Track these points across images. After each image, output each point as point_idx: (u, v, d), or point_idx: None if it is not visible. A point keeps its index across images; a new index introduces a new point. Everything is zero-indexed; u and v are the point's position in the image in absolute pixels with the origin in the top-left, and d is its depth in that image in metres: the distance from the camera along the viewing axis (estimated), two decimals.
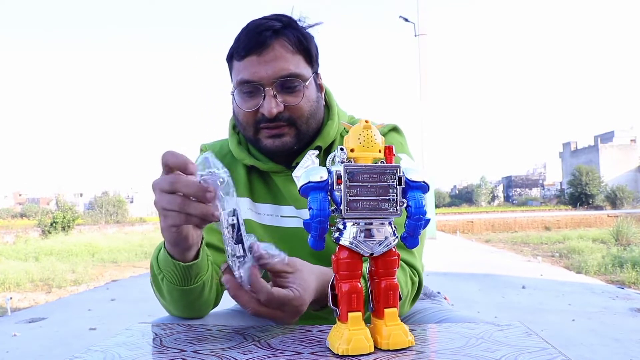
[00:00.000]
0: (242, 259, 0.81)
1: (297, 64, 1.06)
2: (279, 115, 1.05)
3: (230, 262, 0.81)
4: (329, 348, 0.75)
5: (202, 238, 0.92)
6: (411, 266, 1.07)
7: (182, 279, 0.93)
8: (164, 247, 0.91)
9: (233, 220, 0.80)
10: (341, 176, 0.70)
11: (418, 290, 1.10)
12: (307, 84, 1.07)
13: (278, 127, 1.06)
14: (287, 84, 1.05)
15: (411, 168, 0.73)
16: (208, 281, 0.99)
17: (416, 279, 1.07)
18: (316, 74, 1.13)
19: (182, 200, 0.78)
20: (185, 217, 0.79)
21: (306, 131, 1.09)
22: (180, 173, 0.79)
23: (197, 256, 0.91)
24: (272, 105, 1.03)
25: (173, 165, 0.78)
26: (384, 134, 1.17)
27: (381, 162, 0.73)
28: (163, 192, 0.79)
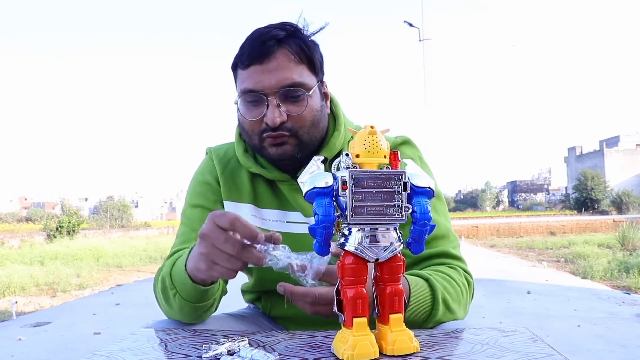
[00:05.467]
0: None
1: (300, 73, 1.06)
2: (282, 124, 1.05)
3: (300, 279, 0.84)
4: (334, 354, 0.75)
5: None
6: (465, 271, 1.09)
7: (197, 298, 0.97)
8: (185, 269, 0.93)
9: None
10: (346, 182, 0.70)
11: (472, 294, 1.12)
12: (310, 93, 1.07)
13: (280, 136, 1.06)
14: (291, 94, 1.05)
15: (416, 174, 0.73)
16: (218, 296, 1.04)
17: (472, 280, 1.10)
18: (321, 82, 1.13)
19: (231, 258, 0.82)
20: (229, 272, 0.85)
21: (308, 140, 1.09)
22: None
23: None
24: (275, 114, 1.04)
25: (237, 231, 0.81)
26: (396, 148, 1.17)
27: (386, 167, 0.74)
28: (224, 252, 0.82)
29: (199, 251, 0.86)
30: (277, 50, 1.04)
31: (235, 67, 1.10)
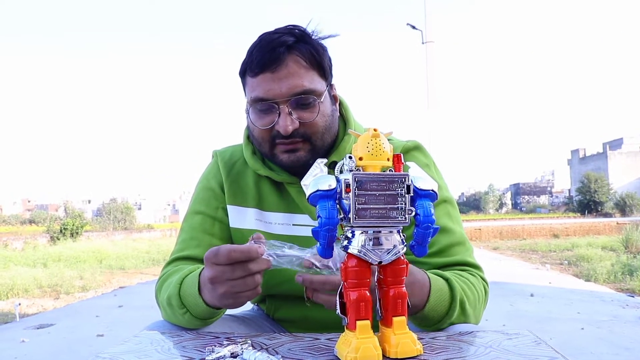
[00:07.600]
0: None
1: (311, 80, 1.05)
2: (294, 131, 1.04)
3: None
4: (337, 356, 0.75)
5: None
6: (484, 280, 1.08)
7: (209, 316, 0.97)
8: (199, 294, 0.92)
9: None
10: (350, 184, 0.70)
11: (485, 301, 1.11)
12: (322, 99, 1.07)
13: (293, 143, 1.06)
14: (302, 101, 1.04)
15: (420, 176, 0.73)
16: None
17: (488, 289, 1.09)
18: (330, 85, 1.13)
19: (247, 279, 0.83)
20: (254, 292, 0.86)
21: (321, 145, 1.09)
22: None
23: None
24: (287, 122, 1.03)
25: (238, 260, 0.82)
26: (407, 152, 1.16)
27: (390, 170, 0.73)
28: (239, 279, 0.83)
29: (219, 293, 0.86)
30: (287, 57, 1.03)
31: (243, 73, 1.09)
